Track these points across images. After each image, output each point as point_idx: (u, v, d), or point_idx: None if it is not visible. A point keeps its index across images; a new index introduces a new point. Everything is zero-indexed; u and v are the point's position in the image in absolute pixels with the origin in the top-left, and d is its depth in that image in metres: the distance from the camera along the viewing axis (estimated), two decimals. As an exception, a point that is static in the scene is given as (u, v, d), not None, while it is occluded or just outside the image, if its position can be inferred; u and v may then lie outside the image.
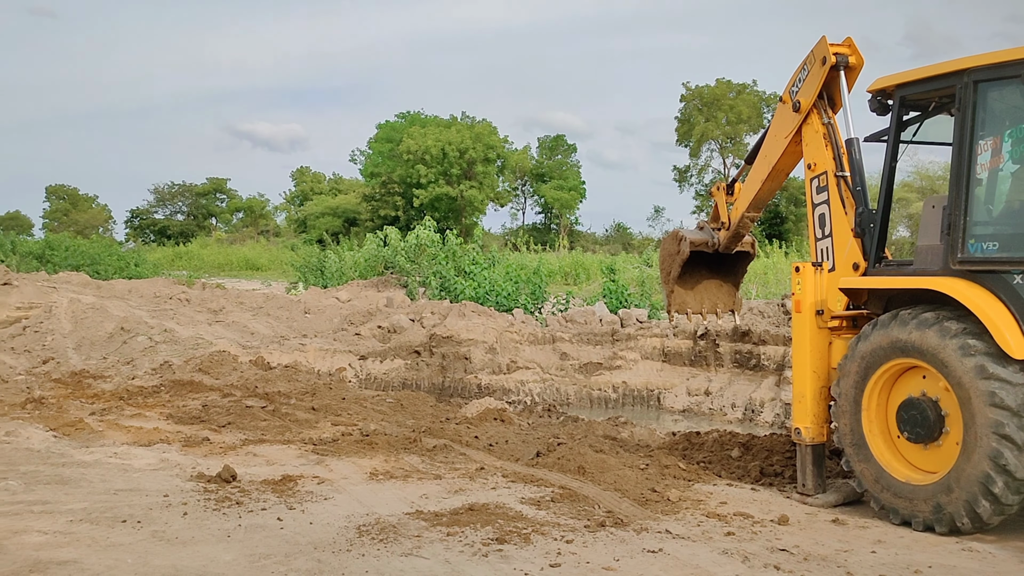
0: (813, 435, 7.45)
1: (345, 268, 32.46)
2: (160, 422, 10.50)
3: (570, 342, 18.59)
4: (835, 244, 7.74)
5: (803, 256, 37.36)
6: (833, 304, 7.54)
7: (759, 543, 6.13)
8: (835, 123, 7.99)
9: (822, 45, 7.85)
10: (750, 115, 64.45)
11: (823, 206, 7.91)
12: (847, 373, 7.06)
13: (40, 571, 5.13)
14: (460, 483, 7.79)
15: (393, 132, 69.18)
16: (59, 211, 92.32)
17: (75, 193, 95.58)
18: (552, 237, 67.09)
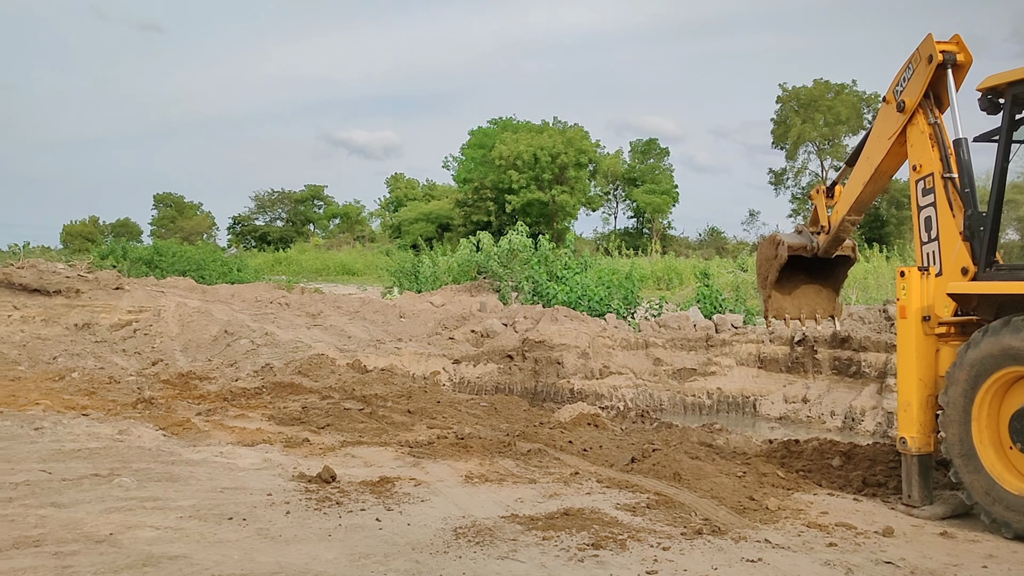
0: (919, 445, 7.22)
1: (439, 273, 32.83)
2: (262, 423, 10.81)
3: (663, 347, 18.43)
4: (942, 248, 7.50)
5: (905, 260, 36.24)
6: (940, 310, 7.30)
7: (863, 555, 5.97)
8: (942, 123, 7.74)
9: (928, 43, 7.61)
10: (849, 116, 62.78)
11: (929, 209, 7.67)
12: (956, 381, 6.83)
13: (153, 565, 5.34)
14: (555, 487, 7.80)
15: (485, 138, 69.65)
16: (166, 218, 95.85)
17: (181, 201, 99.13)
18: (644, 242, 66.59)
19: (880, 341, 16.23)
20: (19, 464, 7.99)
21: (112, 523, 6.22)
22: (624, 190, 75.02)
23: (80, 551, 5.57)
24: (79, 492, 7.08)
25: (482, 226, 58.57)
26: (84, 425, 10.02)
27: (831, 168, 64.58)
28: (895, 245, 44.70)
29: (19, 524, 6.12)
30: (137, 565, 5.33)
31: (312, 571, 5.34)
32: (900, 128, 7.97)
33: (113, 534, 5.96)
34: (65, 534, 5.92)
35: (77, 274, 20.92)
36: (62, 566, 5.29)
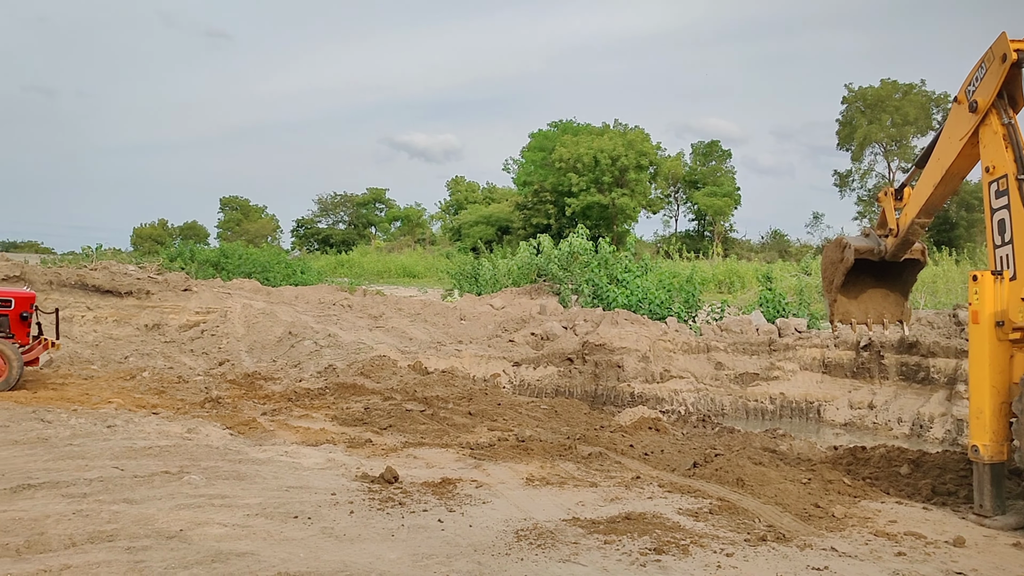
0: (992, 453, 7.04)
1: (499, 275, 32.92)
2: (326, 423, 10.96)
3: (725, 352, 18.24)
4: (1016, 251, 7.30)
5: (975, 264, 35.35)
6: (1015, 315, 7.11)
7: (933, 565, 5.84)
8: (1016, 123, 7.54)
9: (1002, 42, 7.43)
10: (917, 116, 61.47)
11: (1003, 211, 7.47)
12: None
13: (221, 561, 5.45)
14: (616, 491, 7.78)
15: (546, 141, 69.72)
16: (232, 221, 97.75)
17: (246, 204, 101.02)
18: (705, 244, 65.99)
19: (950, 347, 15.87)
20: (93, 461, 8.22)
21: (182, 519, 6.36)
22: (685, 193, 74.43)
23: (152, 546, 5.71)
24: (150, 489, 7.25)
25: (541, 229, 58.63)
26: (154, 423, 10.26)
27: (898, 170, 63.31)
28: (965, 248, 43.63)
29: (93, 519, 6.30)
30: (206, 561, 5.44)
31: (376, 570, 5.40)
32: (972, 129, 7.79)
33: (183, 530, 6.10)
34: (137, 529, 6.07)
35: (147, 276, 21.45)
36: (134, 561, 5.42)
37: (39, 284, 18.16)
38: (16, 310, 12.48)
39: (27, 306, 12.61)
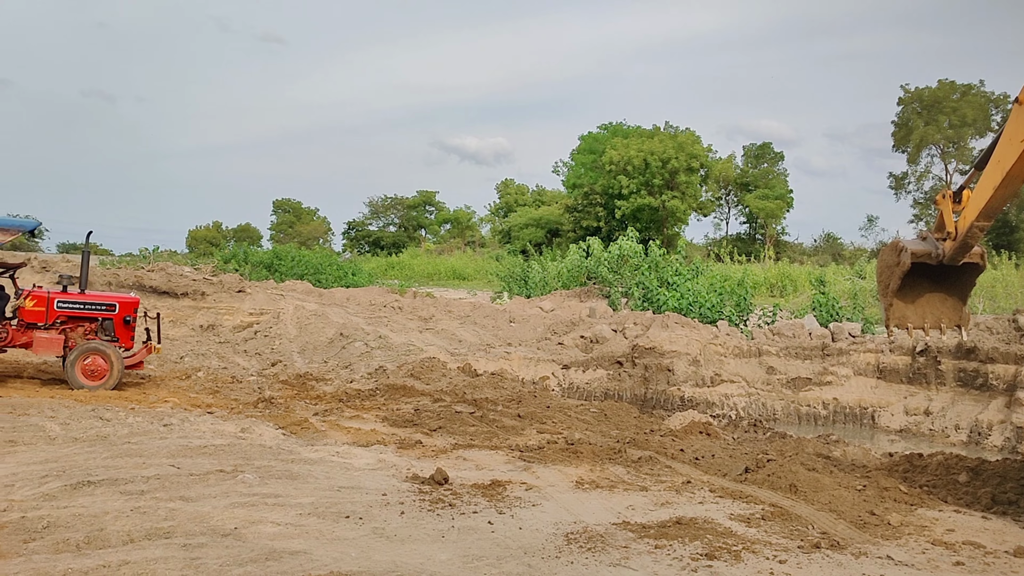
0: (1054, 462, 6.88)
1: (548, 278, 32.91)
2: (376, 424, 11.05)
3: (777, 356, 18.05)
4: (1080, 255, 7.12)
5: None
6: (1078, 321, 6.93)
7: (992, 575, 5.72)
8: (1080, 125, 7.35)
9: (1065, 40, 7.24)
10: (976, 118, 60.16)
11: (1066, 214, 7.29)
12: (1095, 396, 6.48)
13: (275, 559, 5.52)
14: (666, 496, 7.74)
15: (596, 143, 69.56)
16: (284, 223, 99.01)
17: (298, 206, 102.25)
18: (757, 248, 65.28)
19: (1009, 352, 15.54)
20: (150, 459, 8.37)
21: (236, 518, 6.46)
22: (736, 195, 73.75)
23: (207, 544, 5.81)
24: (205, 487, 7.37)
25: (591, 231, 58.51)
26: (209, 423, 10.43)
27: (956, 172, 62.11)
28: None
29: (150, 516, 6.42)
30: (260, 559, 5.52)
31: (426, 571, 5.43)
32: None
33: (237, 528, 6.20)
34: (193, 527, 6.18)
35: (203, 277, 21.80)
36: (190, 558, 5.52)
37: (98, 285, 18.56)
38: (120, 314, 12.79)
39: (131, 310, 12.91)
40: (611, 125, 73.05)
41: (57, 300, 12.65)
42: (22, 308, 12.67)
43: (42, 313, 12.64)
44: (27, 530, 5.94)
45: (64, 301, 12.66)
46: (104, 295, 13.47)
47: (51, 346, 12.49)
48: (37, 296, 12.73)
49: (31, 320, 12.63)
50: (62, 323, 12.70)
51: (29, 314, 12.61)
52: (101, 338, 12.64)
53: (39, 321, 12.64)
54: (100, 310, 12.80)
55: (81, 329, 12.69)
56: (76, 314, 12.73)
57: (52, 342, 12.49)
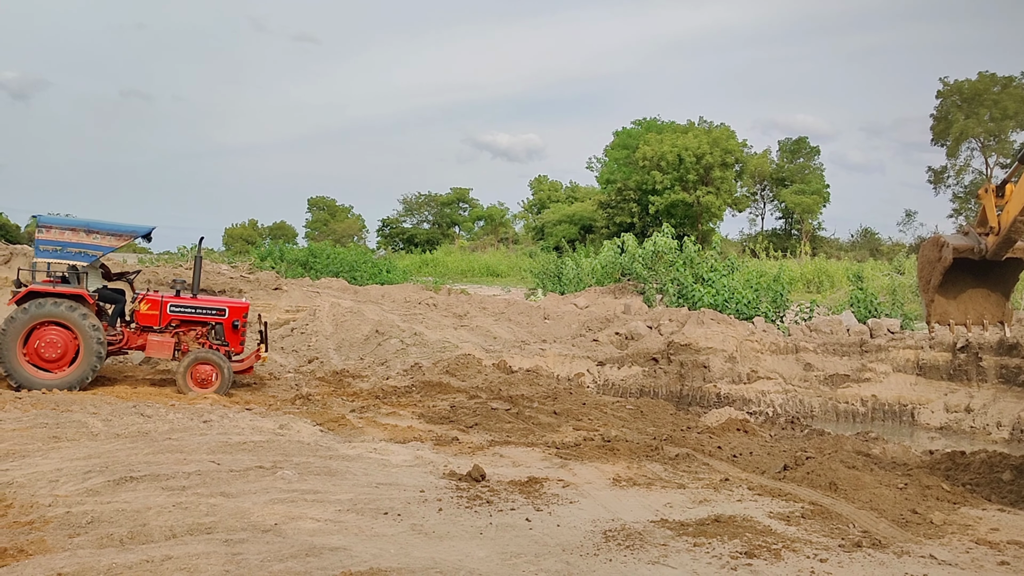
0: (1102, 461, 6.75)
1: (582, 275, 32.85)
2: (413, 421, 11.09)
3: (814, 352, 17.88)
4: None
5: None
6: None
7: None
8: None
9: (1113, 31, 7.10)
10: (1017, 110, 59.02)
11: (1113, 208, 7.15)
12: None
13: (315, 555, 5.56)
14: (704, 493, 7.69)
15: (629, 139, 69.25)
16: (319, 221, 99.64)
17: (333, 204, 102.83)
18: (793, 243, 64.71)
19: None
20: (190, 455, 8.47)
21: (276, 514, 6.52)
22: (772, 190, 73.08)
23: (248, 539, 5.86)
24: (245, 483, 7.44)
25: (625, 228, 58.28)
26: (248, 419, 10.53)
27: (996, 165, 61.00)
28: (1068, 246, 41.85)
29: (192, 512, 6.49)
30: (300, 555, 5.56)
31: (465, 568, 5.45)
32: (1080, 122, 7.46)
33: (278, 524, 6.25)
34: (234, 523, 6.24)
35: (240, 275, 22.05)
36: (232, 553, 5.58)
37: (138, 283, 18.79)
38: (229, 319, 12.94)
39: (240, 315, 13.06)
40: (645, 120, 72.68)
41: (170, 304, 12.90)
42: (137, 311, 12.95)
43: (156, 316, 12.90)
44: (72, 525, 6.03)
45: (176, 305, 12.90)
46: (214, 299, 13.66)
47: (162, 349, 12.73)
48: (151, 300, 13.00)
49: (145, 323, 12.90)
50: (175, 327, 12.93)
51: (144, 317, 12.89)
52: (212, 342, 12.84)
53: (153, 324, 12.89)
54: (210, 314, 12.97)
55: (193, 333, 12.91)
56: (187, 318, 12.93)
57: (163, 345, 12.72)
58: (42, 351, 12.26)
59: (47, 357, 12.22)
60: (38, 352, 12.26)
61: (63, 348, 12.17)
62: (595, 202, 71.83)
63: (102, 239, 12.49)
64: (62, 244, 12.45)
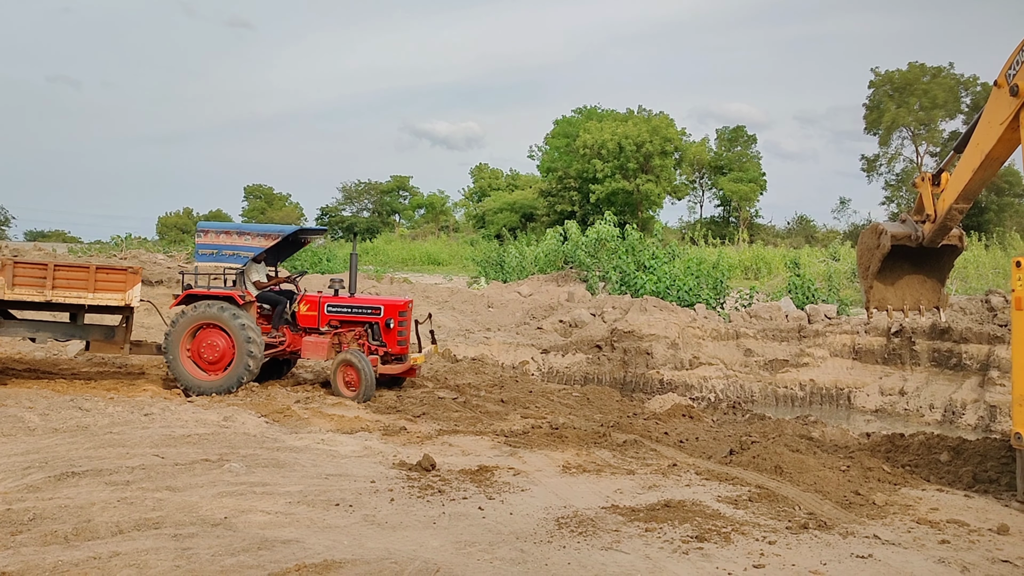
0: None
1: (525, 263, 32.91)
2: (360, 411, 11.01)
3: (754, 338, 18.18)
4: (1059, 237, 7.21)
5: (1005, 250, 34.99)
6: (1058, 301, 7.03)
7: (978, 553, 5.81)
8: (1058, 107, 7.43)
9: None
10: (946, 100, 60.61)
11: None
12: (1075, 375, 6.57)
13: (268, 548, 5.50)
14: (653, 479, 7.78)
15: (570, 127, 69.46)
16: (256, 209, 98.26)
17: (270, 192, 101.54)
18: (731, 231, 65.62)
19: (982, 332, 15.74)
20: (133, 449, 8.30)
21: (226, 507, 6.42)
22: (710, 178, 73.95)
23: (198, 533, 5.77)
24: (192, 476, 7.32)
25: (566, 216, 58.52)
26: (191, 411, 10.35)
27: (926, 154, 62.57)
28: (995, 233, 43.17)
29: (138, 507, 6.37)
30: (252, 548, 5.49)
31: (419, 558, 5.43)
32: (1013, 113, 7.67)
33: (228, 518, 6.16)
34: (182, 517, 6.14)
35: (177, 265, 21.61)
36: (181, 548, 5.48)
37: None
38: (383, 317, 12.49)
39: (394, 313, 12.54)
40: (585, 109, 72.99)
41: (327, 304, 12.62)
42: (298, 312, 12.71)
43: (315, 317, 12.65)
44: (13, 522, 5.87)
45: (333, 305, 12.61)
46: (370, 298, 13.16)
47: (317, 350, 12.42)
48: (310, 300, 12.74)
49: (305, 324, 12.67)
50: (335, 328, 12.60)
51: (304, 319, 12.68)
52: (370, 343, 12.41)
53: (312, 325, 12.64)
54: (365, 313, 12.57)
55: (351, 334, 12.51)
56: (344, 318, 12.59)
57: (318, 346, 12.42)
58: (203, 353, 12.06)
59: (208, 359, 12.03)
60: (200, 354, 12.06)
61: (222, 350, 11.97)
62: (536, 190, 72.01)
63: (252, 240, 12.33)
64: (218, 247, 12.36)
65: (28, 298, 11.93)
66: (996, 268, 30.39)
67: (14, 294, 11.89)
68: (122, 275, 12.01)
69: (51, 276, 11.90)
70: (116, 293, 11.95)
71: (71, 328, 12.59)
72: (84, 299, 11.97)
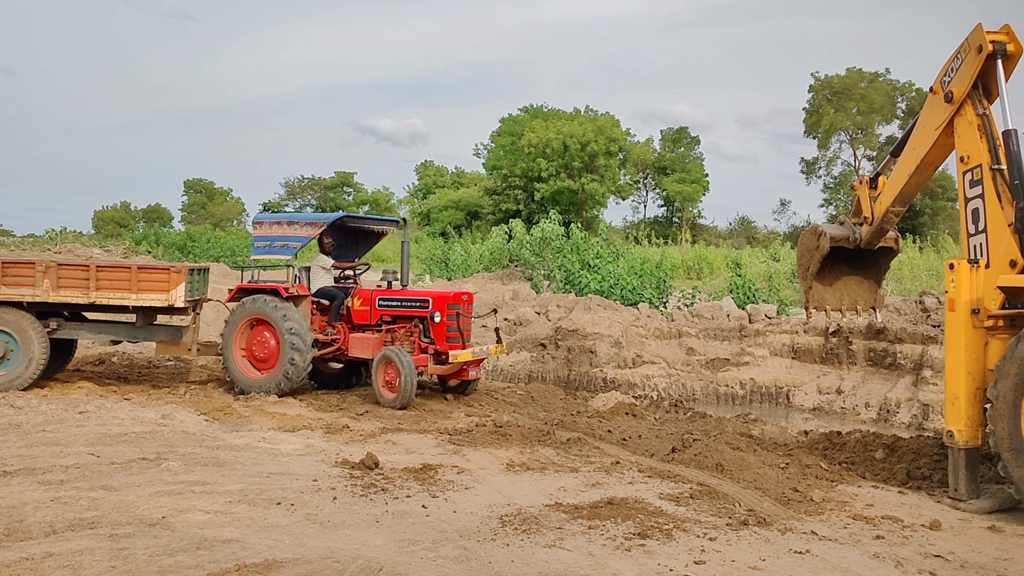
0: (967, 438, 7.16)
1: (470, 261, 32.88)
2: (302, 409, 10.90)
3: (696, 337, 18.37)
4: (990, 240, 7.40)
5: (939, 252, 35.86)
6: (989, 303, 7.21)
7: (911, 548, 5.94)
8: (991, 114, 7.64)
9: (978, 33, 7.51)
10: (883, 105, 61.94)
11: (977, 200, 7.57)
12: (1005, 375, 6.75)
13: (207, 548, 5.41)
14: (597, 476, 7.82)
15: (516, 126, 69.52)
16: (196, 204, 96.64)
17: (211, 187, 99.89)
18: (674, 231, 66.28)
19: (916, 333, 16.11)
20: (67, 447, 8.12)
21: (163, 506, 6.31)
22: (654, 179, 74.58)
23: (134, 533, 5.66)
24: (128, 476, 7.18)
25: (511, 214, 58.53)
26: (127, 409, 10.15)
27: (863, 157, 63.87)
28: (929, 236, 44.22)
29: (72, 507, 6.23)
30: (191, 548, 5.40)
31: (362, 556, 5.39)
32: (948, 119, 7.87)
33: (165, 517, 6.05)
34: (118, 517, 6.01)
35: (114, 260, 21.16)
36: (118, 548, 5.37)
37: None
38: (430, 311, 11.59)
39: (441, 307, 11.57)
40: (531, 108, 73.12)
41: (379, 298, 11.94)
42: (352, 308, 12.06)
43: (367, 312, 11.96)
44: (-59, 524, 5.70)
45: (384, 299, 11.93)
46: (419, 291, 12.39)
47: (364, 348, 11.68)
48: (363, 294, 12.08)
49: (359, 321, 12.01)
50: (387, 323, 11.86)
51: (357, 314, 12.04)
52: (421, 340, 11.57)
53: (366, 321, 11.95)
54: (414, 307, 11.76)
55: (403, 330, 11.75)
56: (395, 312, 11.86)
57: (365, 343, 11.67)
58: (255, 350, 11.55)
59: (259, 356, 11.53)
60: (253, 352, 11.58)
61: (272, 347, 11.43)
62: (481, 188, 71.93)
63: (300, 229, 11.81)
64: (270, 239, 11.89)
65: (72, 300, 11.62)
66: (930, 270, 31.14)
67: (59, 296, 11.59)
68: (164, 274, 11.61)
69: (94, 277, 11.56)
70: (159, 293, 11.54)
71: (135, 330, 12.18)
72: (128, 300, 11.59)
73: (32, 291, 11.55)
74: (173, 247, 39.78)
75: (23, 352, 11.49)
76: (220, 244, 40.03)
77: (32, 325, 11.57)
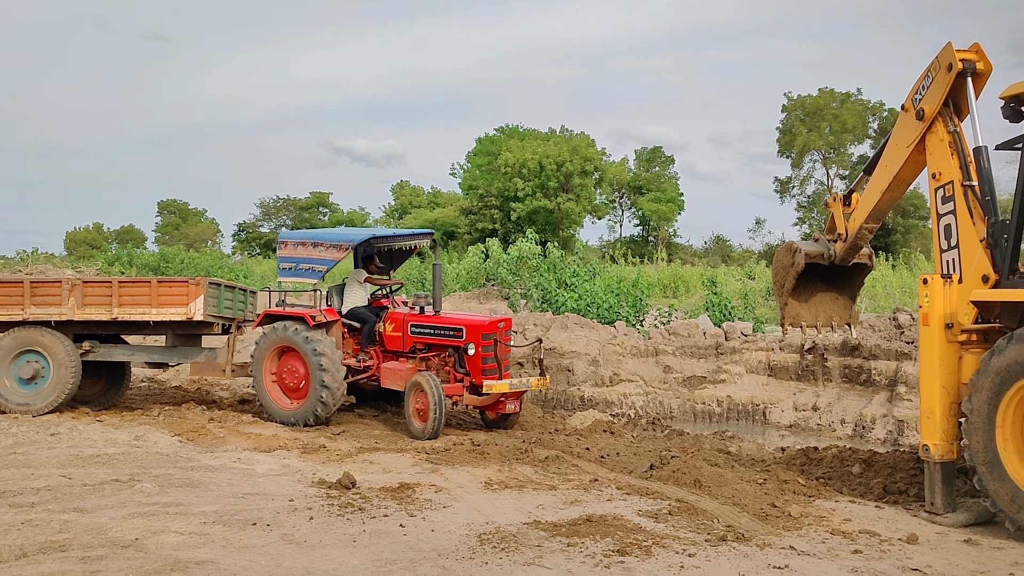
0: (942, 452, 7.20)
1: (447, 280, 32.81)
2: (277, 429, 10.81)
3: (673, 355, 18.43)
4: (962, 256, 7.48)
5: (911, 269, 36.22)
6: (962, 317, 7.28)
7: (889, 562, 5.95)
8: (961, 131, 7.74)
9: (948, 51, 7.62)
10: (855, 124, 62.71)
11: (949, 216, 7.65)
12: (980, 389, 6.81)
13: (180, 570, 5.33)
14: (575, 494, 7.80)
15: (492, 146, 69.66)
16: (170, 225, 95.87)
17: (185, 207, 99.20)
18: (650, 249, 66.52)
19: (890, 349, 16.23)
20: (39, 469, 8.01)
21: (137, 528, 6.22)
22: (630, 198, 74.93)
23: (107, 556, 5.57)
24: (101, 498, 7.08)
25: (487, 234, 58.57)
26: (100, 431, 10.03)
27: (836, 176, 64.54)
28: (901, 253, 44.67)
29: (44, 529, 6.13)
30: (165, 570, 5.32)
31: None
32: (919, 136, 7.97)
33: (139, 539, 5.96)
34: (91, 539, 5.92)
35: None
36: (90, 571, 5.28)
37: None
38: (464, 340, 10.74)
39: (476, 336, 10.70)
40: (507, 128, 73.37)
41: (411, 324, 11.11)
42: (384, 333, 11.30)
43: (399, 339, 11.13)
44: (-92, 548, 5.59)
45: (416, 325, 11.09)
46: (453, 317, 11.27)
47: (395, 379, 10.89)
48: (395, 319, 11.26)
49: (392, 347, 11.24)
50: (421, 351, 11.04)
51: (390, 339, 11.28)
52: (456, 370, 10.81)
53: (399, 348, 11.15)
54: (447, 336, 10.87)
55: (438, 359, 10.97)
56: (427, 340, 11.04)
57: (396, 374, 10.87)
58: (285, 379, 10.98)
59: (290, 385, 10.97)
60: (283, 380, 11.02)
61: (301, 376, 10.86)
62: (457, 208, 71.92)
63: (326, 251, 11.08)
64: (296, 260, 11.29)
65: (96, 317, 11.45)
66: (903, 287, 31.43)
67: (84, 314, 11.42)
68: (183, 287, 11.40)
69: (116, 293, 11.40)
70: (178, 307, 11.33)
71: (168, 351, 11.96)
72: (148, 315, 11.40)
73: (59, 310, 11.42)
74: (147, 268, 39.43)
75: (55, 374, 11.32)
76: (194, 264, 39.74)
77: (65, 347, 11.41)
